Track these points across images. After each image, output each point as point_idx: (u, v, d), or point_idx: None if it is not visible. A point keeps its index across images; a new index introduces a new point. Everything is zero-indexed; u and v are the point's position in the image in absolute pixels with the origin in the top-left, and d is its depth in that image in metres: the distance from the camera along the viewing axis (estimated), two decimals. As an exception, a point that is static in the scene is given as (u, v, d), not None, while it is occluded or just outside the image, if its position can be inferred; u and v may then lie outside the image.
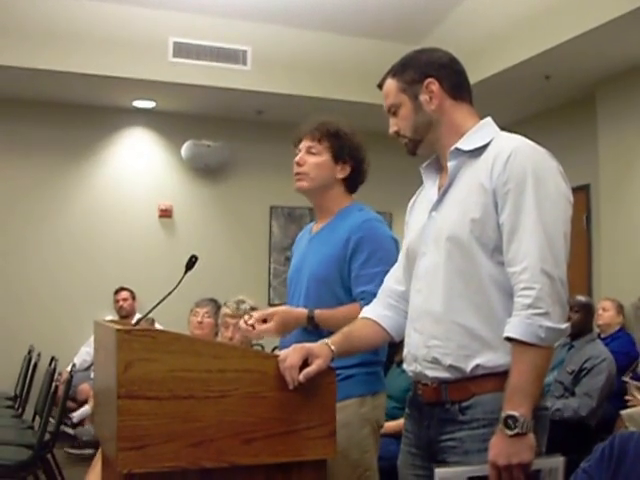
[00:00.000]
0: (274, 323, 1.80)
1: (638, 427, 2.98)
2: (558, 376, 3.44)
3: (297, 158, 1.94)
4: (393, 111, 1.52)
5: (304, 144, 1.94)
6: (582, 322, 3.59)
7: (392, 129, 1.54)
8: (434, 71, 1.48)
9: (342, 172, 1.93)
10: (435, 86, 1.48)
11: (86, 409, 4.65)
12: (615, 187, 4.72)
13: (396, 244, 1.87)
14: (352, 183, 1.96)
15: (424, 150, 1.53)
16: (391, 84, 1.53)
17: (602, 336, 4.13)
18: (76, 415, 4.67)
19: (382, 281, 1.69)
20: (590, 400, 3.29)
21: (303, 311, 1.82)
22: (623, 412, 3.28)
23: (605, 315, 4.23)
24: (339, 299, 1.83)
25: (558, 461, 1.32)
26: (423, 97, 1.48)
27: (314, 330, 1.79)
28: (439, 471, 1.30)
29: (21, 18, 4.61)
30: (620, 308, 4.27)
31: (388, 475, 2.29)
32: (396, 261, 1.72)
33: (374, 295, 1.70)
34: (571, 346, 3.54)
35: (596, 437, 3.13)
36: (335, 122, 1.95)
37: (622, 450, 1.10)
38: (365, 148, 1.97)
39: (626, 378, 3.47)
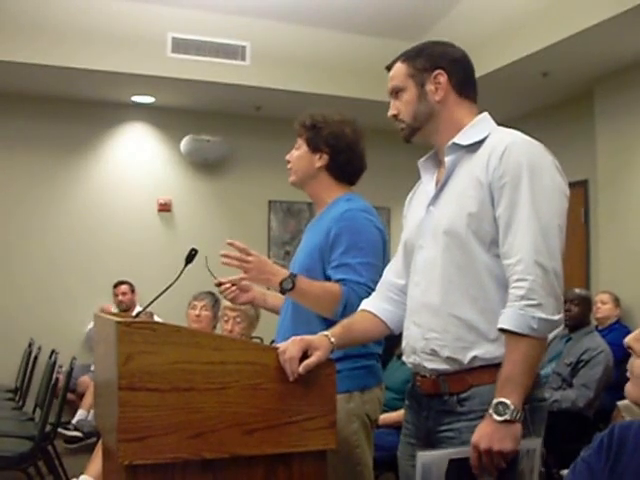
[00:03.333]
0: (249, 265, 1.80)
1: (635, 418, 3.00)
2: (556, 368, 3.48)
3: (287, 155, 2.01)
4: (396, 93, 1.53)
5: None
6: (580, 315, 3.63)
7: (391, 112, 1.54)
8: (445, 64, 1.50)
9: (320, 161, 1.94)
10: (444, 78, 1.49)
11: (82, 413, 4.67)
12: (612, 182, 4.75)
13: (381, 234, 1.87)
14: (338, 171, 1.96)
15: (419, 139, 1.54)
16: (400, 67, 1.53)
17: (600, 328, 4.17)
18: (75, 421, 4.67)
19: (364, 271, 1.72)
20: (588, 391, 3.32)
21: (283, 270, 1.82)
22: (620, 403, 3.31)
23: (603, 308, 4.28)
24: None
25: (536, 442, 1.34)
26: (429, 87, 1.49)
27: (288, 289, 1.76)
28: (421, 455, 1.32)
29: (18, 13, 4.60)
30: (617, 301, 4.31)
31: (387, 465, 2.31)
32: (380, 251, 1.75)
33: (357, 284, 1.73)
34: (569, 338, 3.57)
35: (594, 428, 3.17)
36: (314, 114, 1.97)
37: (622, 439, 1.08)
38: (350, 132, 1.95)
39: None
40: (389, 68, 1.56)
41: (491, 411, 1.30)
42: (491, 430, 1.29)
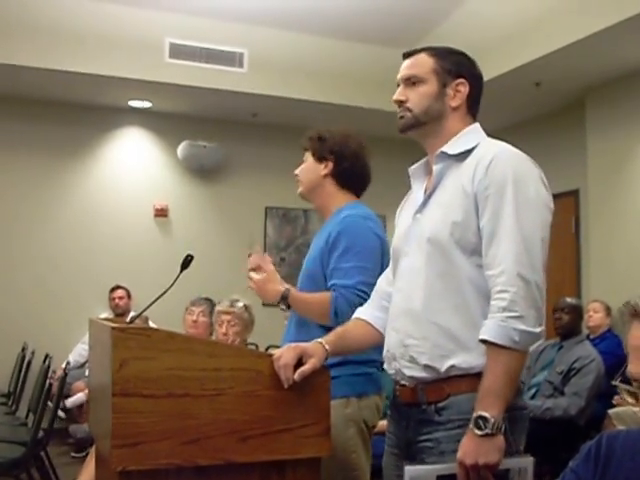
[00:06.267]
0: (260, 277, 1.89)
1: (626, 426, 3.02)
2: (548, 376, 3.49)
3: (297, 170, 2.07)
4: (413, 82, 1.50)
5: None
6: (571, 323, 3.65)
7: (398, 97, 1.52)
8: (469, 77, 1.51)
9: (325, 169, 1.99)
10: (465, 88, 1.50)
11: (80, 396, 4.65)
12: (603, 192, 4.78)
13: (379, 241, 1.89)
14: (342, 178, 1.99)
15: (415, 134, 1.53)
16: (426, 59, 1.51)
17: (591, 337, 4.19)
18: (70, 401, 4.65)
19: (355, 274, 1.75)
20: (579, 399, 3.35)
21: (280, 288, 1.87)
22: (611, 411, 3.33)
23: (595, 317, 4.30)
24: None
25: (527, 461, 1.34)
26: (449, 90, 1.49)
27: (285, 309, 1.87)
28: (409, 469, 1.32)
29: (16, 17, 4.61)
30: (609, 310, 4.34)
31: (379, 473, 2.32)
32: (377, 257, 1.76)
33: (344, 288, 1.76)
34: (560, 346, 3.60)
35: (585, 436, 3.18)
36: (320, 128, 2.04)
37: (610, 449, 1.10)
38: (355, 143, 2.00)
39: (616, 382, 3.50)
40: (408, 55, 1.54)
41: (472, 426, 1.29)
42: (474, 445, 1.28)
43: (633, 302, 0.98)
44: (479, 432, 1.28)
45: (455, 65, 1.50)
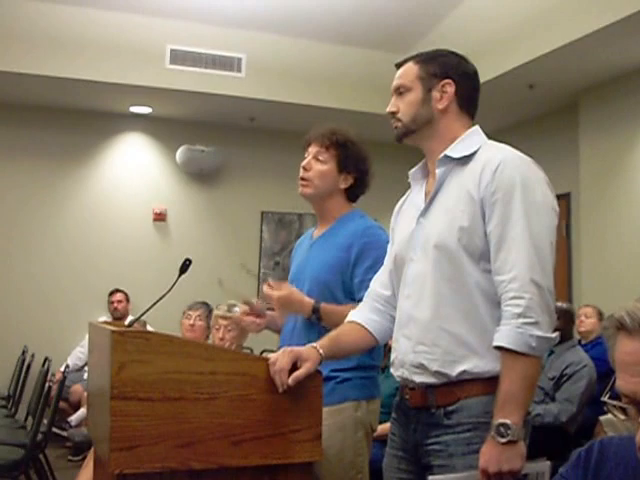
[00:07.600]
0: (278, 300, 1.83)
1: (618, 433, 3.03)
2: (539, 382, 3.49)
3: (304, 162, 1.97)
4: (400, 92, 1.53)
5: (312, 149, 1.96)
6: (563, 329, 3.63)
7: (391, 108, 1.54)
8: (457, 76, 1.51)
9: (345, 182, 1.97)
10: (451, 89, 1.50)
11: (83, 412, 4.67)
12: (595, 195, 4.76)
13: None
14: (353, 193, 2.01)
15: (411, 141, 1.54)
16: (412, 68, 1.53)
17: (583, 343, 4.15)
18: (74, 418, 4.67)
19: None
20: (570, 406, 3.33)
21: (309, 300, 1.84)
22: (602, 418, 3.32)
23: (587, 322, 4.25)
24: (339, 303, 1.85)
25: (545, 465, 1.34)
26: (435, 93, 1.50)
27: (316, 322, 1.81)
28: (432, 478, 1.32)
29: (18, 24, 4.64)
30: (601, 315, 4.33)
31: (370, 478, 2.34)
32: None
33: None
34: (551, 352, 3.58)
35: (576, 443, 3.18)
36: (345, 132, 1.98)
37: (601, 455, 1.09)
38: (368, 158, 2.01)
39: (605, 398, 3.49)
40: (399, 65, 1.56)
41: (493, 433, 1.29)
42: (497, 452, 1.28)
43: (617, 315, 0.98)
44: (502, 439, 1.27)
45: (440, 67, 1.50)
